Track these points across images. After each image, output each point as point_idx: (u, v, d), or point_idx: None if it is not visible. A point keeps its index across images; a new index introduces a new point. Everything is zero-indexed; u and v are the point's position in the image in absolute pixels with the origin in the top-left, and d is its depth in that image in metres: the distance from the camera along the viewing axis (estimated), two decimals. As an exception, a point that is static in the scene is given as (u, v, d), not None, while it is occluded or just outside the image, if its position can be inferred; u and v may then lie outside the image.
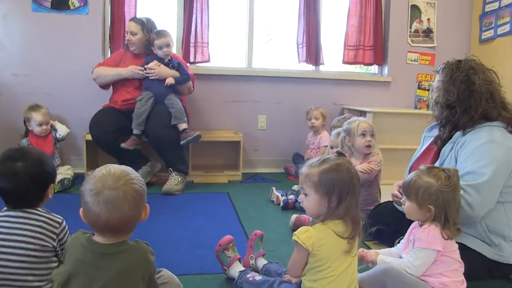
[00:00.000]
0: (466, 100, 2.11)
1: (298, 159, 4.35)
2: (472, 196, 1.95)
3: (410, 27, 4.74)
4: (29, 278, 1.51)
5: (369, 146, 2.88)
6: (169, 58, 3.68)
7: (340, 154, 1.69)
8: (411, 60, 4.79)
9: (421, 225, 1.80)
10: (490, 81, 2.14)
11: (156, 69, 3.58)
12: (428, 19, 4.76)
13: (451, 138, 2.19)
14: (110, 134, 3.56)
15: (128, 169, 1.38)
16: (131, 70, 3.64)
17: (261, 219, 2.96)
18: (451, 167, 2.03)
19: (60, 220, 1.62)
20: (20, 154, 1.61)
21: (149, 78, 3.59)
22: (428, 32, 4.77)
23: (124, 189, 1.29)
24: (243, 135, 4.24)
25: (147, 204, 1.38)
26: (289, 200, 3.19)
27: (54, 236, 1.58)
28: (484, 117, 2.11)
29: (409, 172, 2.49)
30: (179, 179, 3.59)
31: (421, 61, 4.80)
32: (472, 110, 2.10)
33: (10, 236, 1.52)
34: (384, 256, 1.88)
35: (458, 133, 2.15)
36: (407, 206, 1.83)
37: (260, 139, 4.62)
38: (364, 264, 1.93)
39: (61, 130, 3.73)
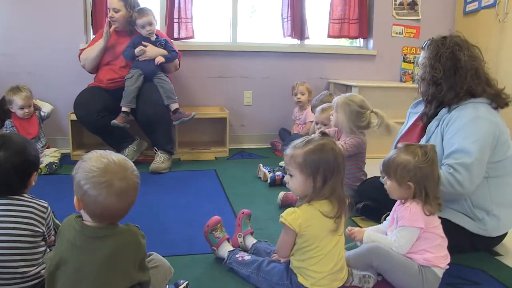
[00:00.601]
0: (451, 77, 2.12)
1: (285, 134, 4.37)
2: (462, 175, 1.97)
3: (395, 0, 4.70)
4: (21, 263, 1.52)
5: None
6: (156, 36, 3.63)
7: (324, 134, 1.70)
8: (396, 33, 4.78)
9: (403, 203, 1.83)
10: (474, 57, 2.16)
11: (146, 49, 3.53)
12: (413, -9, 4.74)
13: (436, 114, 2.20)
14: (95, 114, 3.52)
15: (123, 156, 1.38)
16: (103, 35, 3.59)
17: (249, 196, 2.99)
18: (437, 143, 2.07)
19: (46, 205, 1.63)
20: (2, 143, 1.58)
21: (139, 60, 3.55)
22: (413, 5, 4.75)
23: (132, 178, 1.31)
24: (229, 111, 4.23)
25: None
26: (276, 177, 3.20)
27: (43, 221, 1.59)
28: (469, 94, 2.12)
29: (395, 148, 2.52)
30: (166, 157, 3.59)
31: (406, 34, 4.79)
32: (457, 86, 2.12)
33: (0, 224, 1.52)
34: (370, 233, 1.92)
35: (443, 110, 2.17)
36: (388, 185, 1.86)
37: (246, 114, 4.62)
38: (352, 242, 1.97)
39: (45, 108, 3.67)
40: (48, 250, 1.65)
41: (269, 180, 3.21)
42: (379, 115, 2.79)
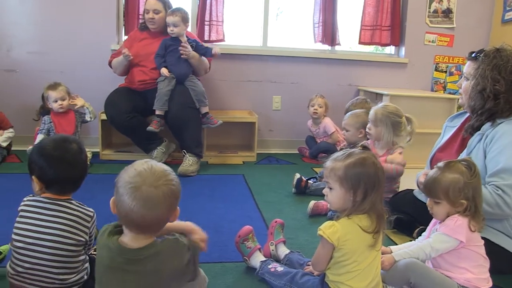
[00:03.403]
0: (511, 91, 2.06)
1: (312, 142, 4.33)
2: (511, 196, 1.92)
3: (429, 7, 4.63)
4: (61, 271, 1.53)
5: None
6: (186, 38, 3.63)
7: (364, 147, 1.67)
8: (429, 41, 4.70)
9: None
10: None
11: (189, 49, 3.54)
12: (448, -1, 4.66)
13: (479, 128, 2.14)
14: (125, 115, 3.54)
15: (168, 169, 1.36)
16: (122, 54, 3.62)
17: (277, 204, 2.95)
18: (479, 159, 2.01)
19: (91, 214, 1.63)
20: (78, 142, 1.68)
21: (181, 56, 3.54)
22: (447, 12, 4.66)
23: (163, 189, 1.28)
24: (258, 115, 4.21)
25: (178, 208, 1.37)
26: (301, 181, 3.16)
27: (87, 230, 1.59)
28: None
29: (431, 162, 2.46)
30: (194, 160, 3.59)
31: (439, 42, 4.71)
32: None
33: (45, 229, 1.53)
34: (399, 253, 1.84)
35: (487, 125, 2.10)
36: (437, 209, 1.80)
37: (274, 119, 4.59)
38: None
39: (89, 116, 3.65)
40: (87, 257, 1.66)
41: (294, 182, 3.14)
42: (411, 120, 2.76)
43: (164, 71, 3.54)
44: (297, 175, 3.14)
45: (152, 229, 1.33)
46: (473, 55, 2.21)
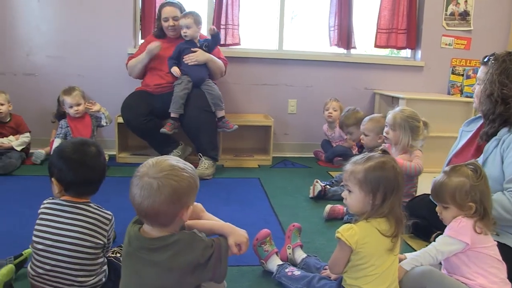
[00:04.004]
0: None
1: (327, 145, 4.31)
2: None
3: (446, 10, 4.60)
4: (80, 273, 1.54)
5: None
6: (198, 39, 3.66)
7: (384, 151, 1.67)
8: (446, 44, 4.67)
9: None
10: None
11: (195, 54, 3.57)
12: (466, 1, 4.60)
13: (495, 134, 2.11)
14: (141, 118, 3.57)
15: (183, 166, 1.37)
16: (147, 49, 3.64)
17: (293, 208, 2.95)
18: (496, 165, 1.99)
19: (110, 217, 1.64)
20: (97, 145, 1.70)
21: (188, 64, 3.57)
22: (464, 15, 4.63)
23: (160, 181, 1.30)
24: (273, 118, 4.21)
25: (193, 206, 1.38)
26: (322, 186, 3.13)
27: (105, 233, 1.61)
28: None
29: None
30: (210, 163, 3.60)
31: (456, 45, 4.67)
32: None
33: (64, 232, 1.55)
34: (409, 262, 1.81)
35: (503, 130, 2.07)
36: (446, 214, 1.79)
37: (290, 123, 4.59)
38: None
39: (104, 120, 3.71)
40: (105, 260, 1.67)
41: (315, 192, 3.11)
42: (427, 125, 2.75)
43: (175, 70, 3.57)
44: (318, 186, 3.10)
45: (158, 221, 1.34)
46: (485, 59, 2.18)
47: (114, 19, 4.17)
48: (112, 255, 1.81)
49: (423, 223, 2.45)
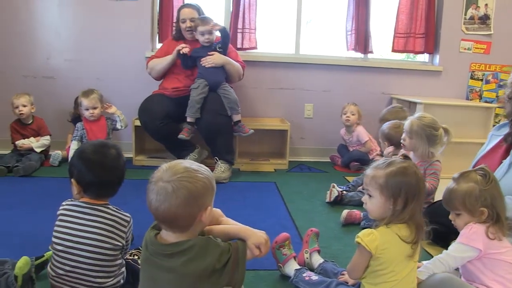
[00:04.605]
0: None
1: (343, 150, 4.29)
2: None
3: (465, 14, 4.55)
4: (99, 274, 1.55)
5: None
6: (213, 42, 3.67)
7: (406, 157, 1.65)
8: (465, 49, 4.61)
9: None
10: None
11: (213, 56, 3.58)
12: (486, 5, 4.54)
13: None
14: (158, 121, 3.58)
15: (196, 167, 1.37)
16: (175, 50, 3.65)
17: (310, 212, 2.94)
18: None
19: (128, 219, 1.65)
20: (118, 148, 1.72)
21: (205, 66, 3.58)
22: (484, 19, 4.57)
23: (174, 184, 1.29)
24: (290, 123, 4.20)
25: (214, 208, 1.37)
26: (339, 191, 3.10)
27: (124, 235, 1.62)
28: None
29: (474, 169, 2.42)
30: (226, 167, 3.61)
31: (475, 49, 4.62)
32: None
33: (83, 233, 1.56)
34: (422, 269, 1.79)
35: None
36: (458, 221, 1.77)
37: (306, 127, 4.58)
38: None
39: (120, 124, 3.73)
40: (123, 262, 1.68)
41: (332, 197, 3.08)
42: (448, 132, 2.70)
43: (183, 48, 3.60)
44: (335, 191, 3.07)
45: (172, 225, 1.34)
46: None
47: (132, 23, 4.21)
48: (130, 257, 1.81)
49: (442, 229, 2.42)
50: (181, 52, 3.60)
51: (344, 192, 3.11)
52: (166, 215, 1.30)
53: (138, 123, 3.78)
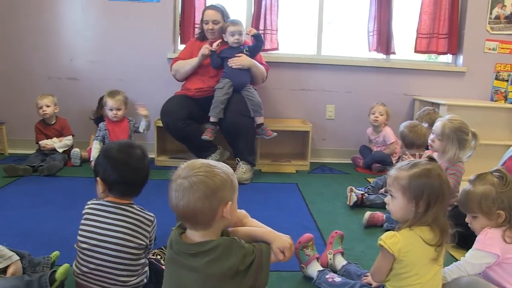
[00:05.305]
0: None
1: (366, 151, 4.26)
2: None
3: (490, 13, 4.47)
4: (124, 273, 1.57)
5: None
6: (242, 44, 3.70)
7: (431, 158, 1.63)
8: (489, 49, 4.54)
9: None
10: None
11: (240, 58, 3.60)
12: (513, 3, 4.46)
13: None
14: (180, 122, 3.60)
15: (213, 163, 1.37)
16: (200, 53, 3.66)
17: (332, 214, 2.92)
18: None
19: (152, 218, 1.67)
20: (143, 148, 1.74)
21: (232, 67, 3.60)
22: (511, 18, 4.48)
23: (191, 179, 1.30)
24: (311, 124, 4.19)
25: (232, 202, 1.36)
26: (357, 196, 3.07)
27: (147, 234, 1.63)
28: None
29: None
30: (247, 168, 3.61)
31: (500, 49, 4.54)
32: None
33: (108, 232, 1.58)
34: (446, 271, 1.77)
35: None
36: (475, 224, 1.75)
37: (327, 128, 4.56)
38: None
39: (143, 127, 3.75)
40: (147, 261, 1.69)
41: (351, 202, 3.04)
42: (476, 136, 2.65)
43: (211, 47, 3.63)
44: (354, 197, 3.04)
45: (197, 222, 1.33)
46: None
47: (154, 25, 4.25)
48: (153, 257, 1.83)
49: (468, 232, 2.39)
50: (207, 51, 3.62)
51: (365, 195, 3.09)
52: (185, 211, 1.31)
53: (160, 123, 3.81)
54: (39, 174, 3.48)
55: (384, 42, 4.50)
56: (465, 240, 2.38)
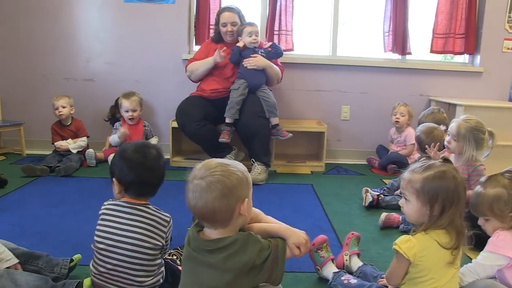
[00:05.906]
0: None
1: (382, 151, 4.25)
2: None
3: (509, 12, 4.41)
4: (140, 273, 1.58)
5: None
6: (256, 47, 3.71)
7: (446, 160, 1.61)
8: (508, 49, 4.48)
9: None
10: None
11: (255, 58, 3.62)
12: (534, 2, 4.39)
13: None
14: (195, 123, 3.62)
15: (228, 162, 1.39)
16: (214, 55, 3.67)
17: (347, 215, 2.91)
18: None
19: (168, 219, 1.68)
20: (158, 148, 1.75)
21: (247, 67, 3.62)
22: (530, 18, 4.43)
23: (208, 179, 1.31)
24: (326, 125, 4.18)
25: (248, 199, 1.38)
26: (373, 196, 3.06)
27: (163, 235, 1.64)
28: None
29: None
30: (262, 169, 3.61)
31: (519, 49, 4.48)
32: None
33: (125, 232, 1.59)
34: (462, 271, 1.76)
35: None
36: (487, 226, 1.73)
37: (343, 129, 4.55)
38: None
39: (152, 140, 3.89)
40: (163, 262, 1.71)
41: (366, 203, 3.04)
42: (493, 135, 2.62)
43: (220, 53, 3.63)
44: (369, 197, 3.02)
45: (212, 220, 1.35)
46: None
47: (169, 26, 4.28)
48: (169, 257, 1.84)
49: (484, 234, 2.36)
50: (221, 58, 3.64)
51: (381, 196, 3.07)
52: (204, 211, 1.32)
53: (175, 124, 3.82)
54: (56, 174, 3.52)
55: (399, 42, 4.47)
56: (483, 242, 2.36)
